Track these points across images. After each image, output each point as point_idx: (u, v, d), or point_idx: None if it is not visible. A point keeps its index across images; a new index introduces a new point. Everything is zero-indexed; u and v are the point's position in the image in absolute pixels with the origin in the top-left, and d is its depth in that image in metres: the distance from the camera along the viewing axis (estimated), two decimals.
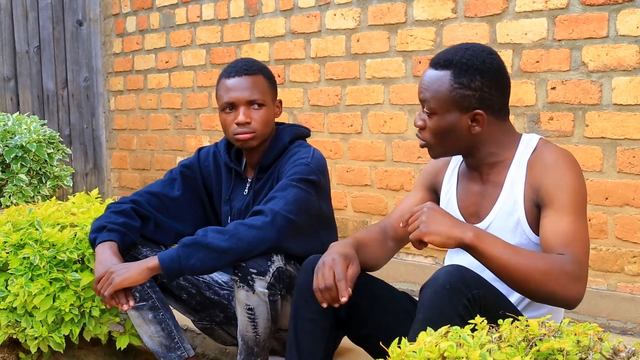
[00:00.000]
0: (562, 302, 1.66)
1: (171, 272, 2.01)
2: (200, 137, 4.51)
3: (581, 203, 1.76)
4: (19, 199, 3.42)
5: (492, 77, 1.80)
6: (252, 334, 2.12)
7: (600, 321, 2.83)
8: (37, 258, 2.31)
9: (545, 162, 1.80)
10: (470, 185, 1.92)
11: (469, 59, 1.80)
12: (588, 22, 2.81)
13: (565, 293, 1.63)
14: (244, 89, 2.23)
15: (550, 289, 1.63)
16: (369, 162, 3.58)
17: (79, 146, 5.23)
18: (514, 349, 1.20)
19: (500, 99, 1.83)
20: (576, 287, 1.64)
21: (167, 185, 2.38)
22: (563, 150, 1.85)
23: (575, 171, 1.78)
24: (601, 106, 2.81)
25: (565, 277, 1.63)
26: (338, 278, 1.77)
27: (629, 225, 2.77)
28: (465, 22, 3.18)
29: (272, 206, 2.07)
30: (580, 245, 1.70)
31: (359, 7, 3.56)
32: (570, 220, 1.72)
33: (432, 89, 1.83)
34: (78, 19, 5.13)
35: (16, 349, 2.57)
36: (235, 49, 4.21)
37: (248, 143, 2.25)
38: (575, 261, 1.66)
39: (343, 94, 3.67)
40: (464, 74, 1.79)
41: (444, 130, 1.83)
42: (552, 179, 1.77)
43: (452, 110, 1.81)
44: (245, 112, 2.22)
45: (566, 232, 1.71)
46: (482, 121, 1.81)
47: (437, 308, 1.55)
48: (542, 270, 1.63)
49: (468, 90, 1.79)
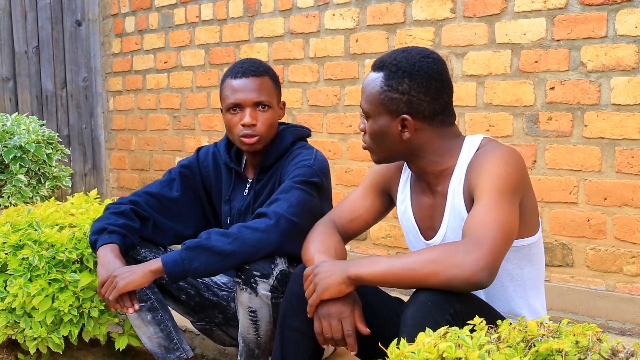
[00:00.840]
0: (464, 281, 1.57)
1: (175, 275, 2.00)
2: (199, 138, 4.51)
3: (501, 186, 1.67)
4: (17, 199, 3.42)
5: (422, 81, 1.75)
6: (254, 336, 2.12)
7: (599, 322, 2.83)
8: (36, 259, 2.31)
9: (479, 162, 1.74)
10: (421, 197, 1.89)
11: (400, 61, 1.77)
12: (587, 22, 2.81)
13: (460, 270, 1.56)
14: (251, 90, 2.22)
15: (444, 273, 1.57)
16: (367, 162, 3.58)
17: (78, 146, 5.23)
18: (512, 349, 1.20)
19: (432, 104, 1.77)
20: (470, 259, 1.55)
21: (166, 185, 2.38)
22: (502, 146, 1.78)
23: (503, 159, 1.71)
24: (600, 106, 2.81)
25: (455, 256, 1.56)
26: (347, 333, 1.73)
27: (628, 226, 2.77)
28: (464, 22, 3.18)
29: (275, 209, 2.06)
30: (487, 225, 1.61)
31: (357, 7, 3.56)
32: (482, 204, 1.66)
33: (367, 90, 1.81)
34: (77, 19, 5.13)
35: (15, 350, 2.57)
36: (234, 49, 4.21)
37: (253, 147, 2.24)
38: (472, 240, 1.59)
39: (342, 94, 3.67)
40: (393, 76, 1.76)
41: (377, 134, 1.81)
42: (480, 174, 1.71)
43: (382, 114, 1.78)
44: (251, 113, 2.21)
45: (475, 215, 1.65)
46: (410, 127, 1.77)
47: (420, 326, 1.50)
48: (429, 259, 1.59)
49: (396, 94, 1.76)
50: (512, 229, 1.65)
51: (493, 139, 1.84)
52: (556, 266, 2.95)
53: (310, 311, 1.75)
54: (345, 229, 2.00)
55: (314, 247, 1.89)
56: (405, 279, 1.61)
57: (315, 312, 1.76)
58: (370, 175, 2.05)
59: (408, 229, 1.95)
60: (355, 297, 1.77)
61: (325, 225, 1.99)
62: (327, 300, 1.73)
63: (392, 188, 2.00)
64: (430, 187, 1.86)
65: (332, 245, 1.90)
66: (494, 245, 1.58)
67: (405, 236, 1.98)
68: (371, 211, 2.04)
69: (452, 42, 3.21)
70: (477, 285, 1.57)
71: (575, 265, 2.91)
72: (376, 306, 1.92)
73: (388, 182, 2.01)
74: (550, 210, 2.95)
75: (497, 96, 3.09)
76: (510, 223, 1.64)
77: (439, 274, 1.57)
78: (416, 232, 1.91)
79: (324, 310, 1.74)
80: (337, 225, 2.00)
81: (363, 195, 2.04)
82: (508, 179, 1.68)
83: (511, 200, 1.67)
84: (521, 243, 1.78)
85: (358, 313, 1.75)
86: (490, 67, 3.10)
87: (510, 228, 1.64)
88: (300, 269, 1.89)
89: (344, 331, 1.72)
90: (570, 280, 2.94)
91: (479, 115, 3.16)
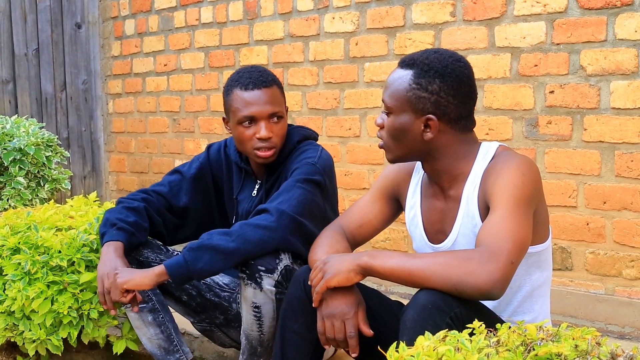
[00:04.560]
0: (474, 290, 1.58)
1: (179, 278, 2.00)
2: (198, 140, 4.51)
3: (518, 198, 1.68)
4: (17, 202, 3.41)
5: (452, 84, 1.75)
6: (257, 332, 2.11)
7: (598, 325, 2.83)
8: (28, 264, 2.30)
9: (496, 171, 1.74)
10: (433, 201, 1.88)
11: (432, 61, 1.76)
12: (586, 26, 2.82)
13: (473, 278, 1.56)
14: (265, 103, 2.19)
15: (456, 278, 1.58)
16: (367, 165, 3.58)
17: (77, 149, 5.23)
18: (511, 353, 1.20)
19: (458, 107, 1.77)
20: (485, 269, 1.56)
21: (175, 186, 2.38)
22: (519, 156, 1.79)
23: (520, 170, 1.71)
24: (599, 110, 2.81)
25: (470, 263, 1.58)
26: (349, 335, 1.72)
27: (627, 230, 2.77)
28: (463, 25, 3.18)
29: (277, 205, 2.06)
30: (502, 237, 1.61)
31: (357, 11, 3.56)
32: (499, 214, 1.66)
33: (393, 86, 1.80)
34: (77, 22, 5.13)
35: (14, 352, 2.57)
36: (234, 52, 4.22)
37: (269, 160, 2.23)
38: (488, 250, 1.60)
39: (341, 97, 3.67)
40: (423, 75, 1.75)
41: (397, 131, 1.79)
42: (496, 182, 1.72)
43: (406, 111, 1.77)
44: (266, 126, 2.19)
45: (491, 226, 1.65)
46: (434, 127, 1.76)
47: (420, 329, 1.51)
48: (444, 263, 1.60)
49: (424, 92, 1.75)
50: (526, 241, 1.67)
51: (508, 147, 1.85)
52: (555, 270, 2.95)
53: (316, 299, 1.75)
54: (354, 235, 2.00)
55: (322, 250, 1.90)
56: (417, 277, 1.62)
57: (319, 312, 1.76)
58: (379, 181, 2.05)
59: (414, 234, 1.95)
60: (360, 298, 1.77)
61: (333, 230, 2.00)
62: (331, 299, 1.73)
63: (402, 193, 2.00)
64: (442, 191, 1.85)
65: (340, 250, 1.90)
66: (508, 259, 1.59)
67: (413, 241, 1.98)
68: (380, 217, 2.04)
69: (452, 46, 3.21)
70: (488, 296, 1.58)
71: (575, 269, 2.91)
72: (377, 309, 1.92)
73: (397, 188, 2.01)
74: (549, 214, 2.95)
75: (496, 100, 3.10)
76: (525, 235, 1.66)
77: (452, 279, 1.58)
78: (422, 237, 1.91)
79: (327, 310, 1.74)
80: (345, 231, 2.00)
81: (372, 201, 2.04)
82: (525, 190, 1.69)
83: (526, 211, 1.68)
84: (531, 250, 1.78)
85: (362, 315, 1.75)
86: (490, 71, 3.10)
87: (524, 240, 1.65)
88: (302, 270, 1.89)
89: (346, 332, 1.72)
90: (570, 284, 2.93)
91: (478, 118, 3.14)
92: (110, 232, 2.17)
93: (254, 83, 2.20)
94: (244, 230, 2.02)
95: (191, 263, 1.98)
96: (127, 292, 2.03)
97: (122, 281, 2.00)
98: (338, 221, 2.04)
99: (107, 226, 2.19)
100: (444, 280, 1.59)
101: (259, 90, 2.20)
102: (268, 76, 2.24)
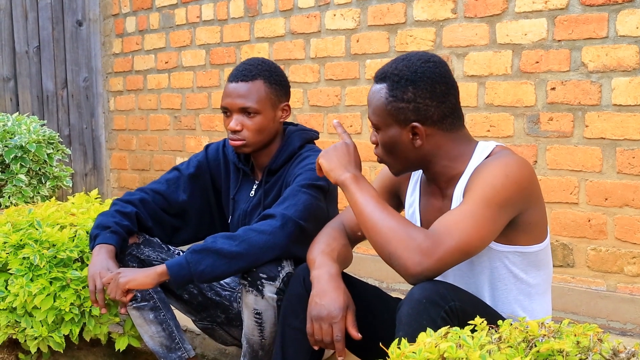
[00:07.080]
0: (401, 267, 1.60)
1: (180, 279, 1.99)
2: (199, 138, 4.51)
3: (490, 198, 1.64)
4: (18, 199, 3.42)
5: (426, 87, 1.74)
6: (258, 337, 2.11)
7: (599, 322, 2.83)
8: (37, 258, 2.31)
9: (481, 168, 1.73)
10: (431, 200, 1.88)
11: (402, 69, 1.76)
12: (588, 23, 2.81)
13: (404, 259, 1.58)
14: (238, 96, 2.21)
15: (391, 248, 1.60)
16: (368, 162, 3.58)
17: (79, 146, 5.23)
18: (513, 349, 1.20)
19: (439, 108, 1.76)
20: (419, 258, 1.57)
21: (173, 184, 2.38)
22: (511, 157, 1.74)
23: (504, 171, 1.68)
24: (601, 107, 2.81)
25: (411, 242, 1.59)
26: (337, 338, 1.72)
27: (629, 226, 2.77)
28: (465, 22, 3.18)
29: (283, 211, 2.06)
30: (452, 233, 1.60)
31: (358, 8, 3.56)
32: (463, 209, 1.65)
33: (373, 103, 1.80)
34: (77, 19, 5.13)
35: (16, 350, 2.57)
36: (235, 49, 4.21)
37: (240, 149, 2.25)
38: (435, 239, 1.59)
39: (343, 94, 3.67)
40: (396, 86, 1.75)
41: (389, 145, 1.79)
42: (475, 179, 1.71)
43: (391, 124, 1.77)
44: (236, 119, 2.22)
45: (450, 216, 1.64)
46: (421, 133, 1.75)
47: (416, 323, 1.51)
48: (390, 228, 1.62)
49: (402, 103, 1.74)
50: (479, 244, 1.64)
51: (506, 147, 1.83)
52: (557, 266, 2.95)
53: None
54: (354, 231, 2.00)
55: (318, 248, 1.90)
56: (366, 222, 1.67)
57: (308, 313, 1.76)
58: (379, 178, 2.05)
59: None
60: (349, 301, 1.77)
61: (333, 227, 2.00)
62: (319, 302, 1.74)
63: (401, 190, 2.00)
64: (440, 191, 1.85)
65: (336, 248, 1.90)
66: (445, 255, 1.59)
67: None
68: None
69: (453, 43, 3.21)
70: (409, 280, 1.62)
71: (576, 265, 2.91)
72: (376, 307, 1.92)
73: (398, 184, 2.01)
74: (551, 211, 2.95)
75: (498, 97, 3.09)
76: (480, 238, 1.63)
77: (390, 246, 1.61)
78: None
79: (315, 312, 1.74)
80: (346, 228, 2.00)
81: None
82: (502, 192, 1.66)
83: (496, 214, 1.65)
84: (527, 250, 1.78)
85: (350, 318, 1.74)
86: (491, 68, 3.10)
87: (476, 242, 1.63)
88: (302, 268, 1.89)
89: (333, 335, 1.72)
90: (571, 280, 2.94)
91: (479, 115, 3.16)
92: (103, 234, 2.18)
93: (236, 76, 2.24)
94: (249, 235, 2.01)
95: (193, 265, 1.97)
96: (127, 291, 2.03)
97: (124, 281, 2.00)
98: (339, 217, 2.04)
99: (100, 229, 2.20)
100: (383, 243, 1.63)
101: (237, 83, 2.23)
102: (254, 70, 2.24)
